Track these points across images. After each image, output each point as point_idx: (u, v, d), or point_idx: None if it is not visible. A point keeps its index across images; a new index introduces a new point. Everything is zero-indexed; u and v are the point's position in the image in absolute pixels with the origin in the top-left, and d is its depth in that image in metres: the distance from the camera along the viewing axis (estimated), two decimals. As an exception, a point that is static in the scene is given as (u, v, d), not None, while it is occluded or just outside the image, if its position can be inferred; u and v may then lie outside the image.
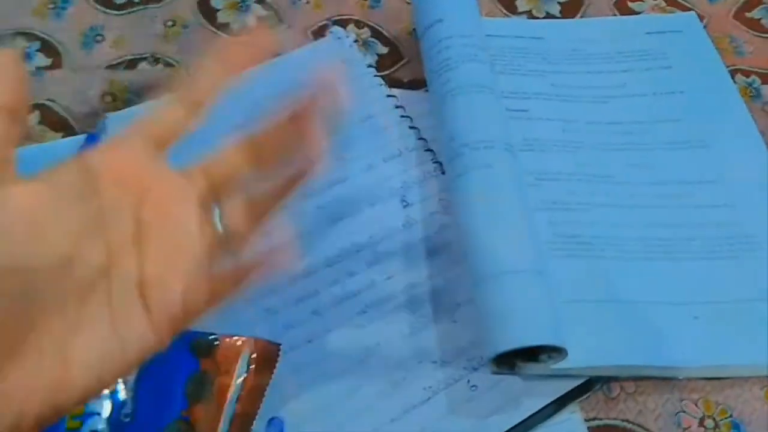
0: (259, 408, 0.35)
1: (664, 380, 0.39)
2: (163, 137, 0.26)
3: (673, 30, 0.54)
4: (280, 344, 0.37)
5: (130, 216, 0.24)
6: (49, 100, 0.47)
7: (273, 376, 0.36)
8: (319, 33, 0.53)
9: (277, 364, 0.36)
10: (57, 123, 0.46)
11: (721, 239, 0.43)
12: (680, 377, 0.39)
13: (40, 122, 0.46)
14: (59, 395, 0.22)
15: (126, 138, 0.26)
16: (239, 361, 0.36)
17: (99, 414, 0.33)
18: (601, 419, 0.38)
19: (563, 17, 0.55)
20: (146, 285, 0.24)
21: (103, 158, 0.25)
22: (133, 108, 0.47)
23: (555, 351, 0.36)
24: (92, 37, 0.51)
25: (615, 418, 0.38)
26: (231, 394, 0.35)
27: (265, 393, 0.36)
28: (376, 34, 0.54)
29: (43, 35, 0.51)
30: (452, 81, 0.44)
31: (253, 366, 0.36)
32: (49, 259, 0.21)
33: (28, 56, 0.50)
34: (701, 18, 0.55)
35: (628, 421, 0.38)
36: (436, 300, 0.40)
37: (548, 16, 0.55)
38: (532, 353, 0.36)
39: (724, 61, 0.52)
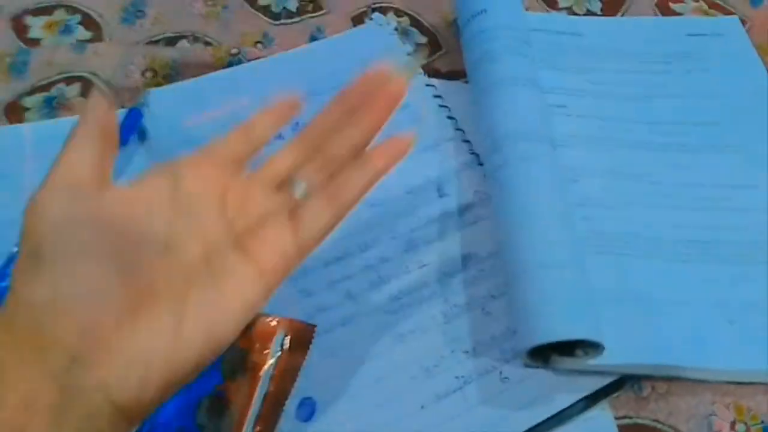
0: (292, 388, 0.35)
1: (696, 382, 0.39)
2: (237, 155, 0.30)
3: (714, 33, 0.54)
4: (315, 326, 0.37)
5: (216, 201, 0.28)
6: (90, 72, 0.47)
7: (307, 357, 0.36)
8: (359, 19, 0.53)
9: (311, 346, 0.36)
10: (98, 96, 0.46)
11: (758, 244, 0.42)
12: (712, 380, 0.39)
13: (81, 94, 0.46)
14: (176, 357, 0.24)
15: (203, 154, 0.29)
16: (274, 341, 0.36)
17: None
18: (631, 418, 0.38)
19: (604, 15, 0.55)
20: (241, 239, 0.28)
21: (187, 164, 0.28)
22: (174, 84, 0.47)
23: (591, 346, 0.36)
24: (133, 12, 0.51)
25: (645, 418, 0.38)
26: (265, 372, 0.35)
27: (299, 374, 0.36)
28: (415, 23, 0.53)
29: (84, 8, 0.51)
30: (495, 72, 0.44)
31: (287, 346, 0.36)
32: (151, 243, 0.25)
33: (68, 29, 0.50)
34: (744, 22, 0.54)
35: (658, 421, 0.38)
36: (469, 290, 0.40)
37: (589, 12, 0.55)
38: (567, 347, 0.36)
39: (765, 67, 0.51)
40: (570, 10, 0.55)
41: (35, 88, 0.46)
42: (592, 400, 0.37)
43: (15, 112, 0.45)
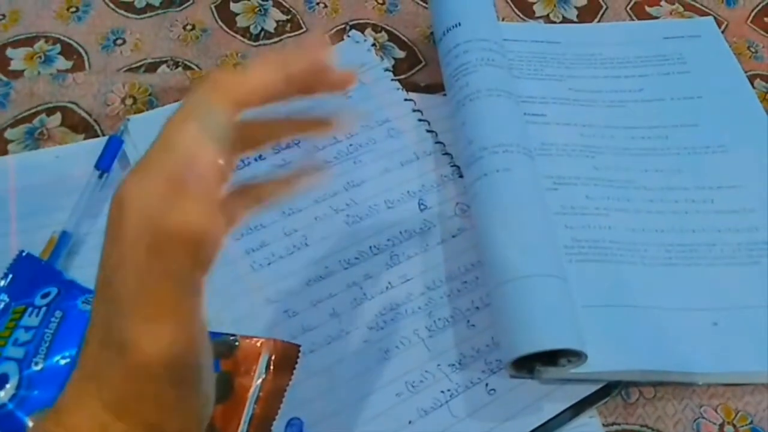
0: (278, 409, 0.35)
1: (683, 386, 0.39)
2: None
3: (690, 35, 0.54)
4: (299, 346, 0.37)
5: None
6: (71, 102, 0.48)
7: (292, 377, 0.36)
8: (337, 37, 0.53)
9: (297, 366, 0.36)
10: (79, 125, 0.47)
11: (741, 245, 0.43)
12: (699, 383, 0.39)
13: (62, 124, 0.47)
14: None
15: None
16: (259, 362, 0.36)
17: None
18: (619, 424, 0.38)
19: (580, 22, 0.56)
20: None
21: None
22: (154, 111, 0.47)
23: (574, 355, 0.36)
24: (113, 40, 0.52)
25: (634, 424, 0.38)
26: (250, 394, 0.35)
27: (285, 394, 0.36)
28: (393, 38, 0.54)
29: (64, 38, 0.52)
30: (470, 85, 0.44)
31: (272, 367, 0.36)
32: None
33: (49, 59, 0.50)
34: (719, 23, 0.55)
35: (647, 426, 0.38)
36: (453, 303, 0.40)
37: (565, 20, 0.56)
38: (551, 357, 0.36)
39: (742, 66, 0.52)
40: (547, 18, 0.56)
41: (17, 120, 0.47)
42: (579, 408, 0.37)
43: (-2, 145, 0.46)
